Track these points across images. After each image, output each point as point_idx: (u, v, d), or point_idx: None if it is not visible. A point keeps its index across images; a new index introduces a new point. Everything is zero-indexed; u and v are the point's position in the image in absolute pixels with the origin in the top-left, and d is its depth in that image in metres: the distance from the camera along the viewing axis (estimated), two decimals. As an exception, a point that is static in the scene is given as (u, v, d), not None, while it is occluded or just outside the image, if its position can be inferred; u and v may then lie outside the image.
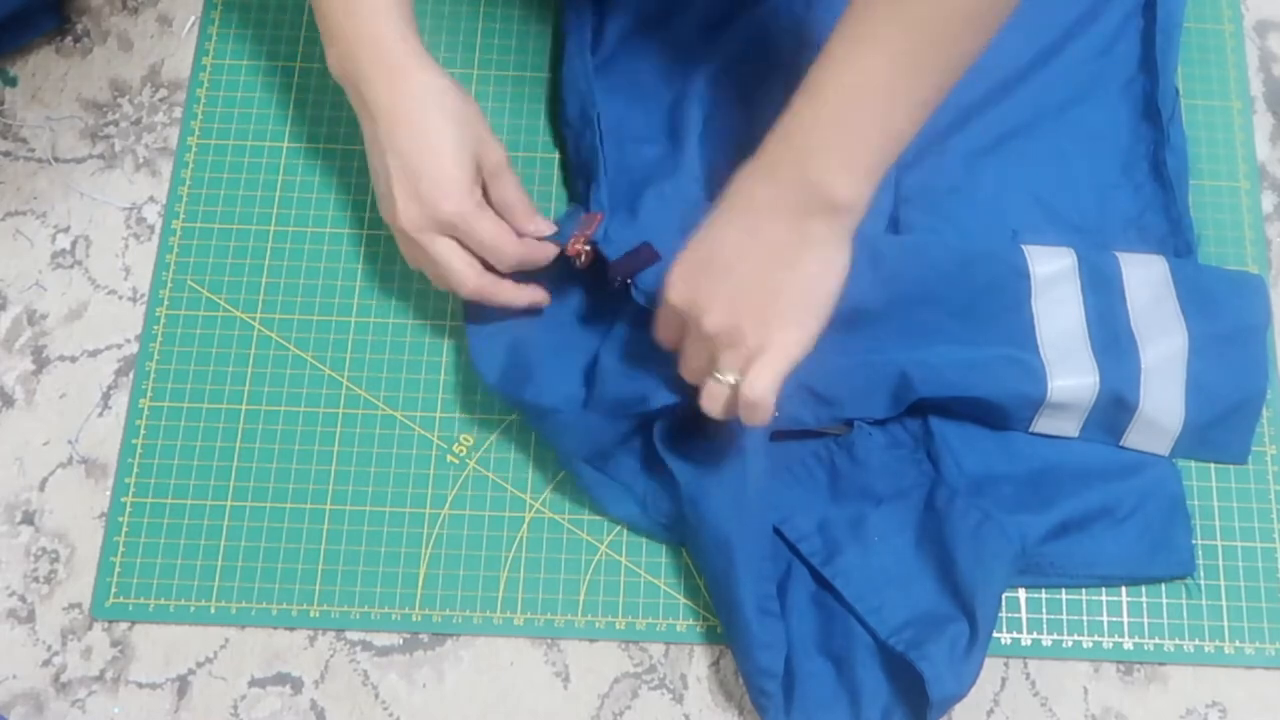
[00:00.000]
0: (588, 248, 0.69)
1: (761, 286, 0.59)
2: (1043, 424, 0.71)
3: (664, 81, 0.78)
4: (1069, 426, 0.71)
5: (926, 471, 0.71)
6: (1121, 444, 0.71)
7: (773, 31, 0.78)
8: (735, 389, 0.61)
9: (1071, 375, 0.70)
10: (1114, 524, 0.70)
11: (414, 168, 0.66)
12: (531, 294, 0.70)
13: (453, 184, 0.66)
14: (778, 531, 0.69)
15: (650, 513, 0.70)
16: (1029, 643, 0.70)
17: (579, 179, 0.77)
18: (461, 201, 0.66)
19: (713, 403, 0.62)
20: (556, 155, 0.80)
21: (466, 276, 0.67)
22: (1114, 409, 0.70)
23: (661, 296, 0.63)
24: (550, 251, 0.69)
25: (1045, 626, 0.70)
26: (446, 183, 0.66)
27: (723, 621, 0.68)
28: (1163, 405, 0.71)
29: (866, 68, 0.57)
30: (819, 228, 0.59)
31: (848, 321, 0.70)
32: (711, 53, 0.78)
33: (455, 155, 0.66)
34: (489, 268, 0.69)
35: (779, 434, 0.69)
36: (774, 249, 0.59)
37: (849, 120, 0.57)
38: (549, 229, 0.70)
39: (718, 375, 0.61)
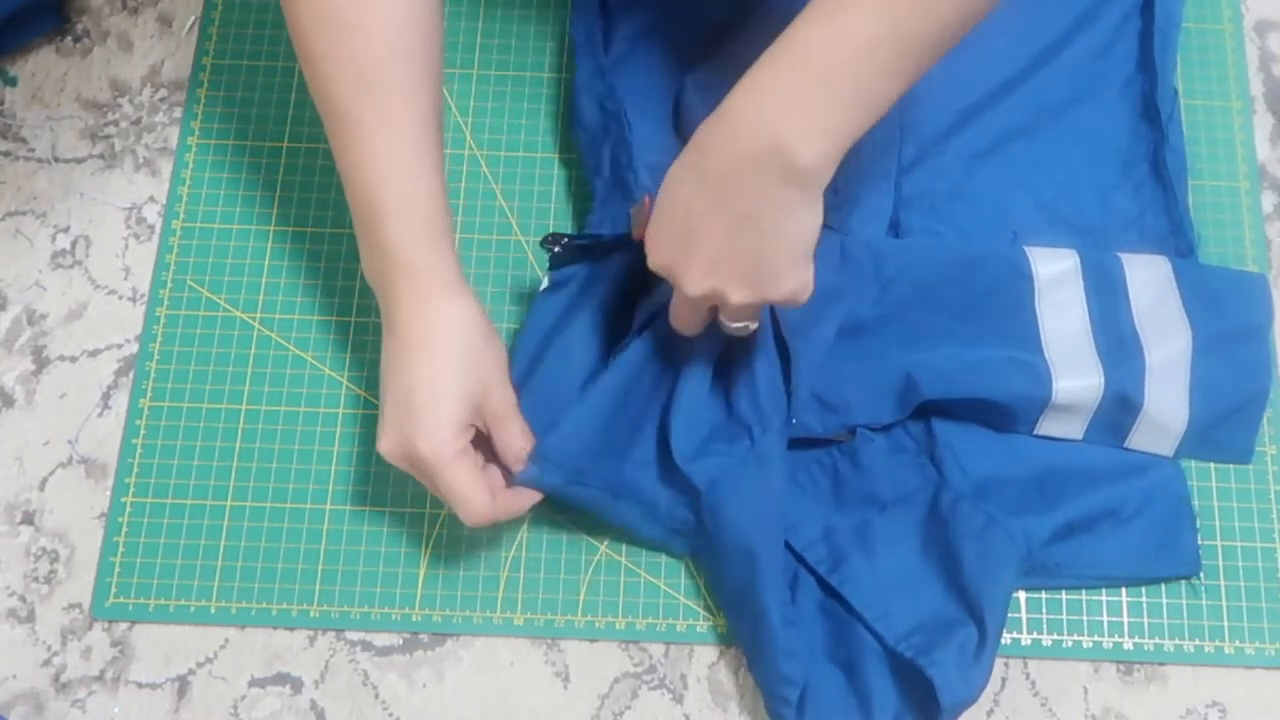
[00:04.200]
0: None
1: (735, 252, 0.58)
2: (1047, 426, 0.71)
3: (668, 85, 0.78)
4: (1074, 428, 0.71)
5: (930, 476, 0.71)
6: (1126, 445, 0.71)
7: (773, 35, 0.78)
8: (747, 330, 0.63)
9: (1076, 376, 0.70)
10: (1119, 525, 0.70)
11: (406, 400, 0.63)
12: (531, 499, 0.67)
13: (435, 428, 0.62)
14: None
15: (664, 520, 0.69)
16: (1029, 643, 0.70)
17: (599, 177, 0.76)
18: (439, 446, 0.62)
19: (739, 333, 0.64)
20: (557, 155, 0.80)
21: (476, 504, 0.63)
22: (1119, 410, 0.70)
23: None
24: (526, 502, 0.66)
25: (1045, 626, 0.70)
26: (430, 425, 0.62)
27: (742, 631, 0.68)
28: (1167, 406, 0.71)
29: (849, 27, 0.54)
30: (786, 193, 0.56)
31: (852, 326, 0.70)
32: (713, 55, 0.78)
33: (453, 398, 0.62)
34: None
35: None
36: (744, 216, 0.57)
37: (824, 80, 0.54)
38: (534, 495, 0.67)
39: (725, 322, 0.62)
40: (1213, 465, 0.73)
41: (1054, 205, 0.76)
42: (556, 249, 0.70)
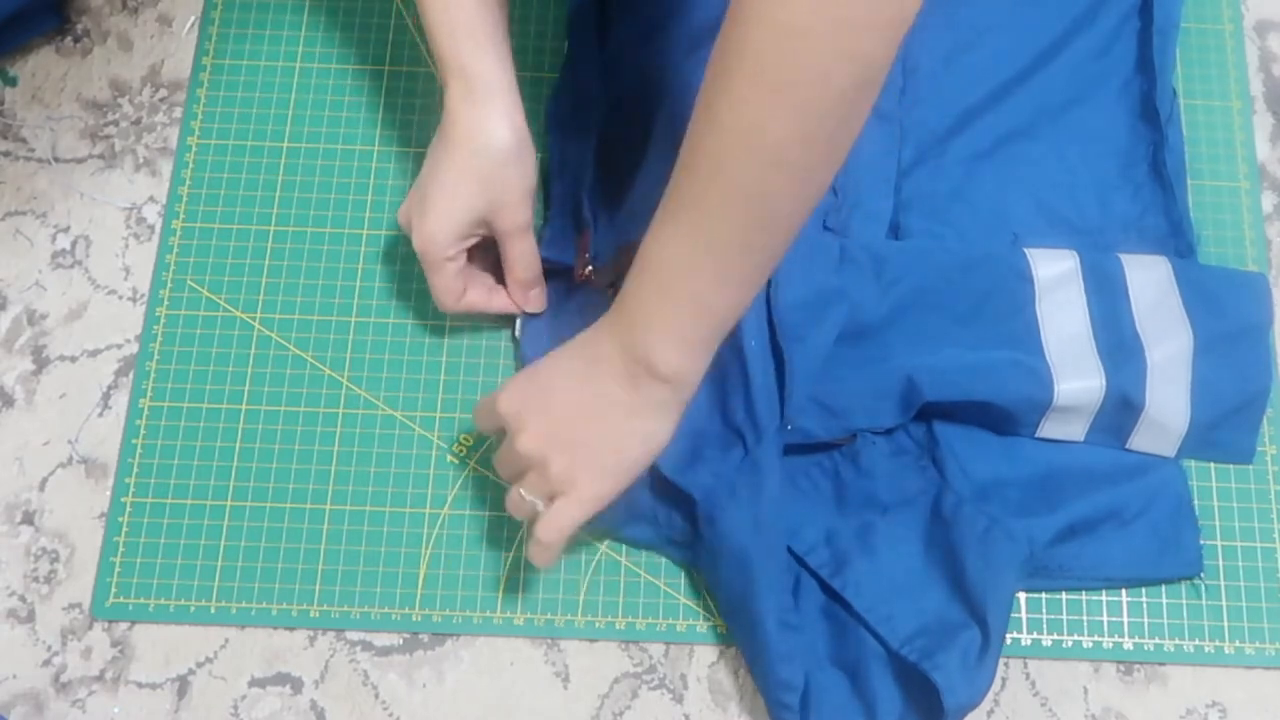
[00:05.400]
0: (590, 268, 0.72)
1: (575, 431, 0.60)
2: (1049, 428, 0.71)
3: (655, 89, 0.78)
4: (1075, 430, 0.71)
5: (932, 478, 0.71)
6: (1127, 446, 0.71)
7: None
8: (534, 509, 0.62)
9: (1078, 378, 0.70)
10: (1121, 526, 0.70)
11: (422, 192, 0.68)
12: (513, 301, 0.73)
13: (434, 227, 0.67)
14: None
15: (663, 529, 0.69)
16: (1029, 643, 0.70)
17: (561, 180, 0.77)
18: (429, 244, 0.67)
19: (515, 510, 0.64)
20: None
21: (444, 299, 0.70)
22: (1120, 411, 0.70)
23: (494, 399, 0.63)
24: (497, 307, 0.72)
25: (1045, 626, 0.70)
26: (430, 223, 0.67)
27: (740, 636, 0.68)
28: (1168, 406, 0.71)
29: (675, 245, 0.56)
30: (647, 394, 0.59)
31: (853, 331, 0.70)
32: (697, 63, 0.78)
33: (458, 205, 0.67)
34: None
35: (785, 448, 0.69)
36: (600, 403, 0.60)
37: (665, 295, 0.57)
38: (539, 308, 0.73)
39: (522, 491, 0.63)
40: (1213, 465, 0.73)
41: (1054, 206, 0.76)
42: None
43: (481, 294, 0.71)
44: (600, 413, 0.60)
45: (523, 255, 0.70)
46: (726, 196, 0.53)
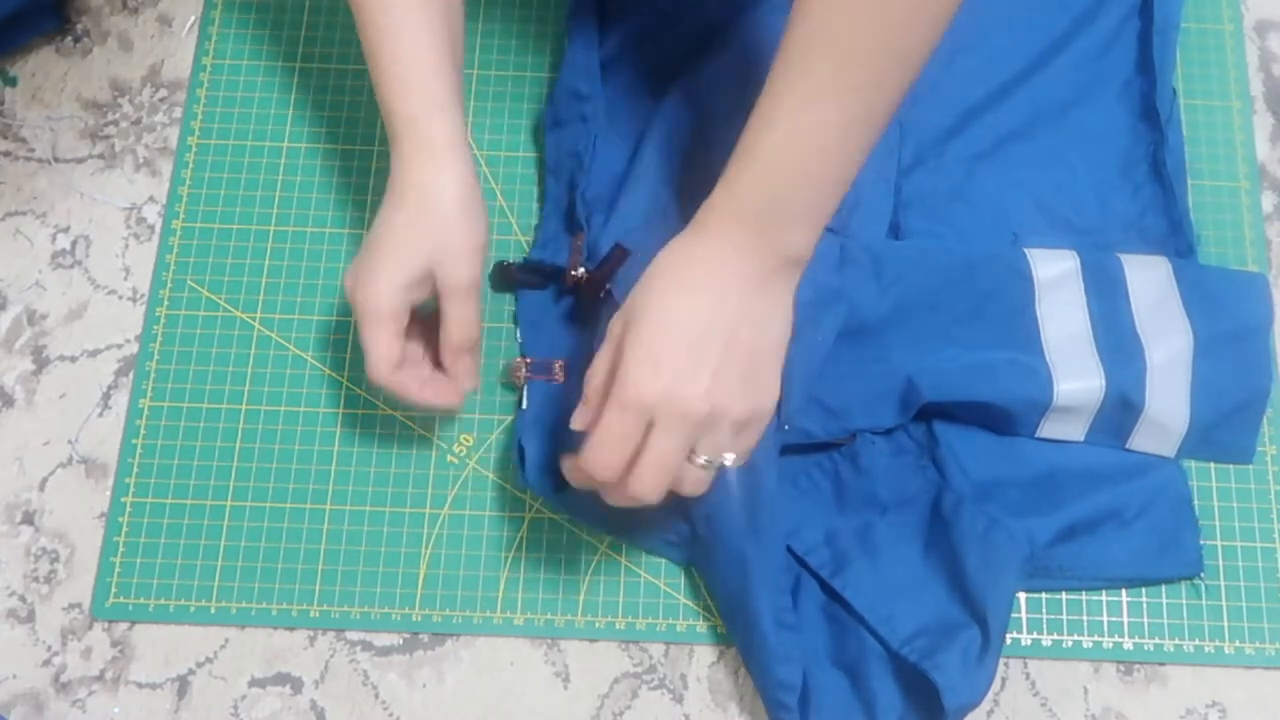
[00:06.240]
0: (582, 269, 0.71)
1: (741, 359, 0.57)
2: (1049, 428, 0.71)
3: (651, 92, 0.78)
4: (1075, 430, 0.71)
5: (931, 478, 0.71)
6: (1127, 446, 0.71)
7: (756, 45, 0.78)
8: (718, 468, 0.58)
9: (1077, 378, 0.70)
10: (1122, 526, 0.70)
11: (367, 245, 0.65)
12: (444, 395, 0.67)
13: (378, 273, 0.63)
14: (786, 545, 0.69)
15: (659, 531, 0.69)
16: (1029, 643, 0.70)
17: (556, 181, 0.77)
18: (375, 296, 0.63)
19: (697, 487, 0.58)
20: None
21: (378, 365, 0.65)
22: (1120, 411, 0.70)
23: (619, 402, 0.56)
24: (423, 401, 0.66)
25: (1045, 626, 0.70)
26: (375, 270, 0.64)
27: (738, 637, 0.68)
28: (1168, 406, 0.71)
29: (818, 130, 0.55)
30: (778, 283, 0.58)
31: (853, 331, 0.70)
32: (695, 65, 0.78)
33: (402, 255, 0.64)
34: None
35: (784, 448, 0.69)
36: (746, 315, 0.57)
37: (807, 180, 0.56)
38: (470, 384, 0.68)
39: (702, 461, 0.57)
40: (1213, 465, 0.73)
41: (1053, 206, 0.76)
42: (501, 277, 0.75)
43: (413, 378, 0.66)
44: (745, 324, 0.57)
45: (462, 318, 0.65)
46: (891, 74, 0.54)
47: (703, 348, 0.56)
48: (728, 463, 0.58)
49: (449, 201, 0.64)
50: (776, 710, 0.65)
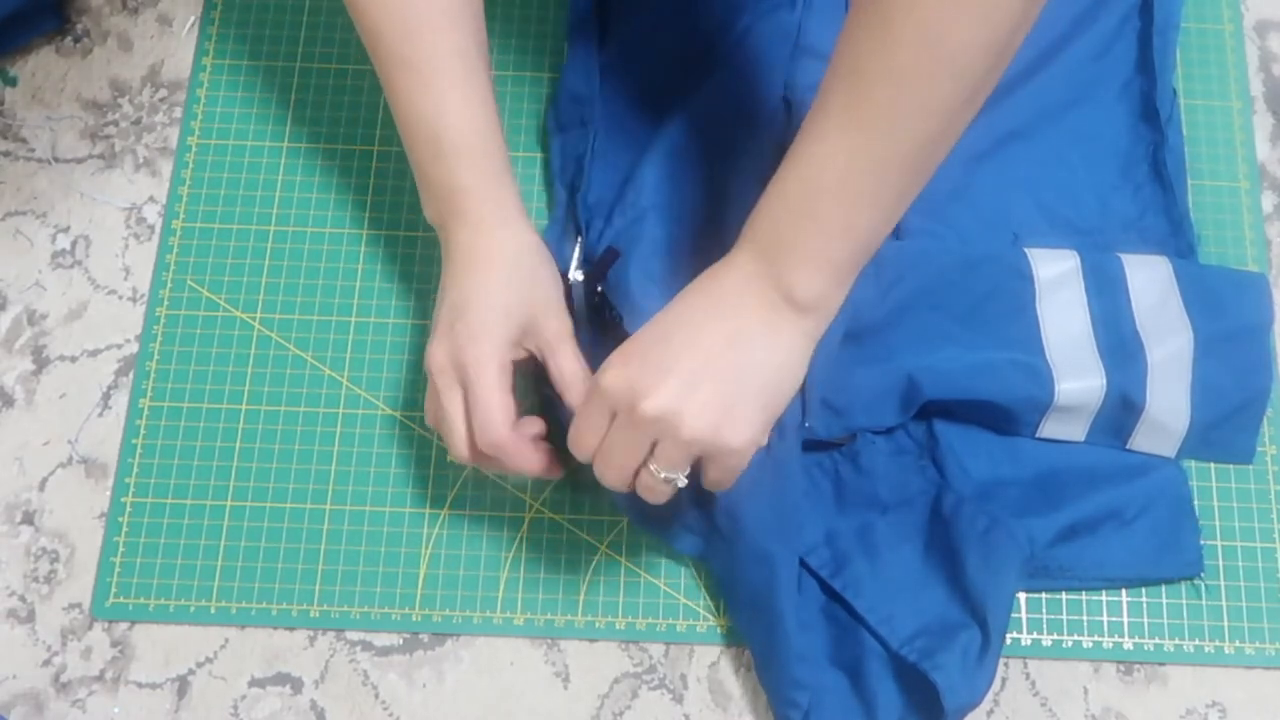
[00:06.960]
0: (580, 271, 0.71)
1: (711, 373, 0.55)
2: (1049, 428, 0.71)
3: (652, 94, 0.78)
4: (1076, 430, 0.71)
5: (932, 478, 0.71)
6: (1128, 446, 0.71)
7: (757, 49, 0.78)
8: (673, 487, 0.58)
9: (1078, 378, 0.70)
10: (1122, 526, 0.70)
11: (459, 308, 0.64)
12: (541, 464, 0.64)
13: (484, 330, 0.63)
14: None
15: (676, 516, 0.69)
16: (1029, 643, 0.70)
17: (562, 183, 0.77)
18: (484, 352, 0.62)
19: (651, 495, 0.58)
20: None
21: (460, 442, 0.63)
22: (1121, 411, 0.70)
23: (591, 387, 0.57)
24: (534, 466, 0.64)
25: (1045, 626, 0.70)
26: (479, 328, 0.63)
27: (753, 633, 0.68)
28: (1169, 406, 0.71)
29: (825, 164, 0.54)
30: (785, 325, 0.56)
31: (853, 330, 0.70)
32: (697, 70, 0.78)
33: (503, 310, 0.63)
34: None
35: None
36: (734, 338, 0.55)
37: (811, 218, 0.55)
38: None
39: (653, 470, 0.57)
40: (1213, 465, 0.73)
41: (1054, 207, 0.76)
42: None
43: (521, 440, 0.63)
44: (735, 347, 0.55)
45: (575, 357, 0.65)
46: (899, 111, 0.52)
47: (679, 355, 0.55)
48: (680, 483, 0.57)
49: (538, 259, 0.66)
50: (785, 708, 0.65)
